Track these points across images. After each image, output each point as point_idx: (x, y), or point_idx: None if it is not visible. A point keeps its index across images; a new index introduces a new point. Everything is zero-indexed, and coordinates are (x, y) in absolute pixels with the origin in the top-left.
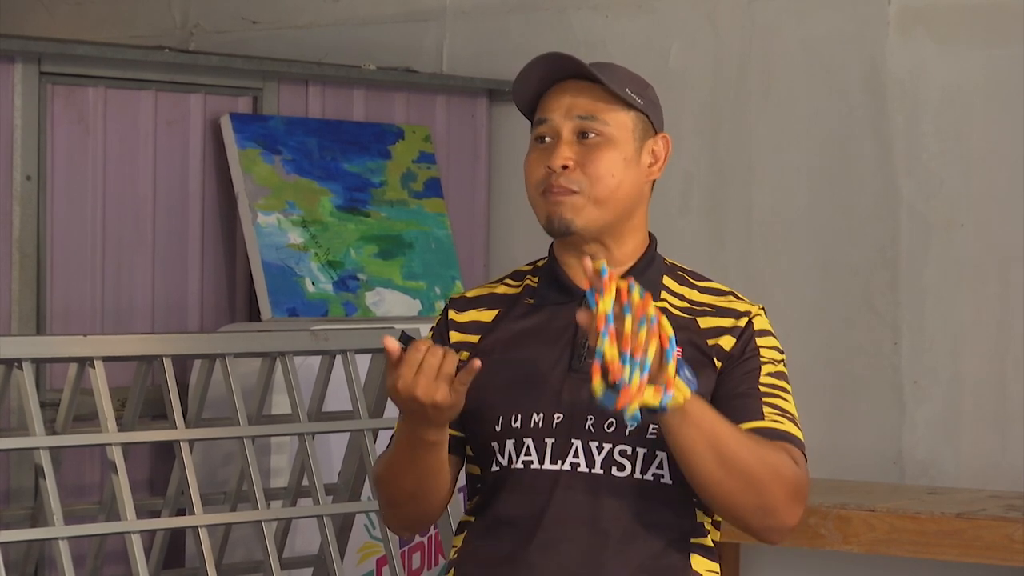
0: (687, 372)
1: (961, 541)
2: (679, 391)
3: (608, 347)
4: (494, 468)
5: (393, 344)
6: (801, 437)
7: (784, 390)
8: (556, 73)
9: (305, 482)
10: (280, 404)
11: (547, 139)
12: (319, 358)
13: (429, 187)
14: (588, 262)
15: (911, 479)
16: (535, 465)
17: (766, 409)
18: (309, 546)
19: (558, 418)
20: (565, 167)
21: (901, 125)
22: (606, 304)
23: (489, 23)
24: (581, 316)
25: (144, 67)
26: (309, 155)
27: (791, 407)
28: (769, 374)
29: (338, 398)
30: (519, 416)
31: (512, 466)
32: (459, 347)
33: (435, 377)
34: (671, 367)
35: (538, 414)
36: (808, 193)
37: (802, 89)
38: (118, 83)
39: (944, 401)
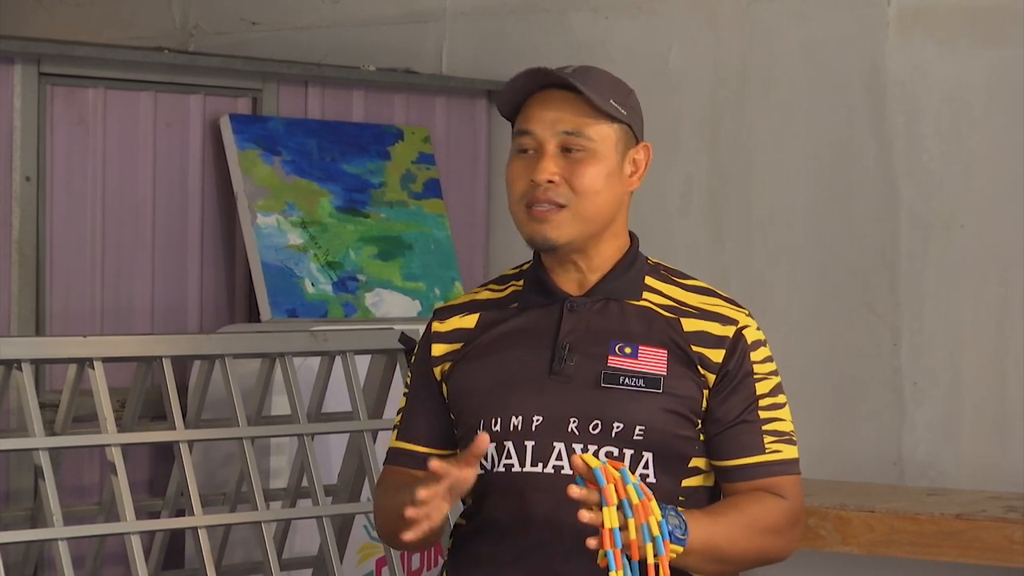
0: (677, 532)
1: (961, 542)
2: (672, 552)
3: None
4: (480, 472)
5: (484, 442)
6: (796, 454)
7: (780, 406)
8: (540, 81)
9: (304, 483)
10: (279, 405)
11: (530, 151)
12: (318, 359)
13: (428, 188)
14: (578, 460)
15: (911, 480)
16: (516, 468)
17: (766, 439)
18: (309, 547)
19: (538, 420)
20: (551, 182)
21: (901, 126)
22: (612, 519)
23: (489, 24)
24: (573, 491)
25: (144, 68)
26: (308, 156)
27: (787, 421)
28: (765, 395)
29: (337, 399)
30: (498, 420)
31: (494, 470)
32: (441, 359)
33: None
34: (664, 561)
35: (517, 417)
36: (808, 194)
37: (802, 90)
38: (118, 84)
39: (944, 402)
